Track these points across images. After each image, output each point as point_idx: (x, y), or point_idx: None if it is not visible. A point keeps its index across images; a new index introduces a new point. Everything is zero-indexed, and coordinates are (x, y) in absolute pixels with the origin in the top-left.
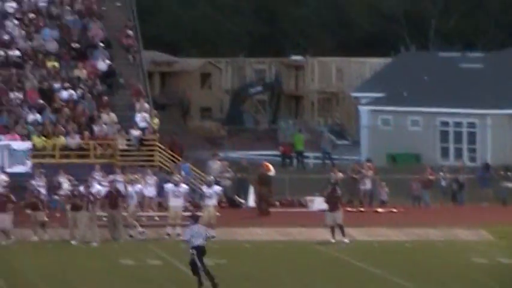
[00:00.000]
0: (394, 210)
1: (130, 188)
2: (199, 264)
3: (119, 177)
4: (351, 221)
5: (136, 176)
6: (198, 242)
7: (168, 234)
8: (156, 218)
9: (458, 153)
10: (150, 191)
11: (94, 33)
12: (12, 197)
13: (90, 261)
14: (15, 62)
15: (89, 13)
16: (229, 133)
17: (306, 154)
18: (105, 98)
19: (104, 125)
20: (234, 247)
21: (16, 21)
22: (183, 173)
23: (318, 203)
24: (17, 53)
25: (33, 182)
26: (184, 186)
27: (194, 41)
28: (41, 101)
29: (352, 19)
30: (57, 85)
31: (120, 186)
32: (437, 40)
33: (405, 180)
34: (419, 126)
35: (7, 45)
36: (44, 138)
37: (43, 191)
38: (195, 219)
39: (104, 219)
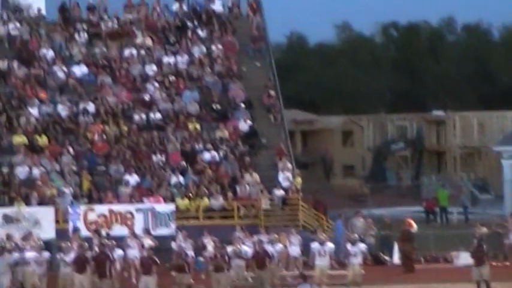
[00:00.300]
0: None
1: (271, 248)
2: None
3: (263, 238)
4: (497, 275)
5: (276, 236)
6: None
7: None
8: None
9: None
10: (295, 250)
11: (235, 94)
12: (157, 260)
13: None
14: (157, 124)
15: (229, 74)
16: (372, 190)
17: (449, 209)
18: (248, 158)
19: (246, 186)
20: None
21: (157, 84)
22: (338, 228)
23: (464, 258)
24: (159, 115)
25: (179, 244)
26: (329, 245)
27: (335, 99)
28: (184, 163)
29: (493, 72)
30: (199, 147)
31: (266, 247)
32: None
33: None
34: None
35: (149, 107)
36: (187, 200)
37: (189, 253)
38: (304, 278)
39: (250, 280)
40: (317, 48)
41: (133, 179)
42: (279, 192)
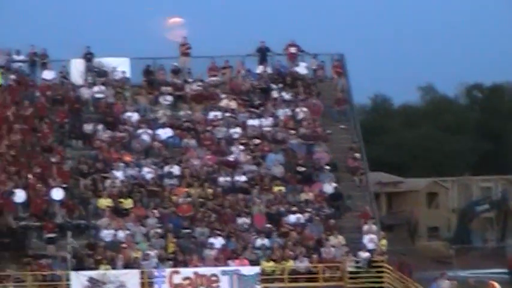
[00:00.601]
0: None
1: None
2: None
3: None
4: None
5: None
6: None
7: None
8: None
9: None
10: None
11: (319, 156)
12: None
13: None
14: (242, 187)
15: (314, 136)
16: (457, 252)
17: None
18: (332, 220)
19: (331, 248)
20: None
21: (241, 147)
22: None
23: None
24: (243, 178)
25: None
26: None
27: (419, 161)
28: (269, 226)
29: None
30: (284, 209)
31: None
32: None
33: None
34: None
35: (233, 170)
36: (272, 262)
37: None
38: None
39: None
40: (401, 110)
41: (218, 241)
42: (364, 255)
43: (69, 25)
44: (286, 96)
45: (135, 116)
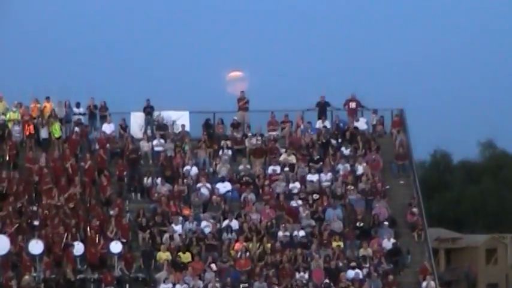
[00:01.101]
0: None
1: None
2: None
3: None
4: None
5: None
6: None
7: None
8: None
9: None
10: None
11: (378, 212)
12: None
13: None
14: (301, 242)
15: (373, 192)
16: None
17: None
18: (391, 276)
19: None
20: None
21: (300, 201)
22: None
23: None
24: (302, 233)
25: None
26: None
27: (479, 216)
28: (327, 281)
29: None
30: (342, 264)
31: None
32: None
33: None
34: None
35: (292, 225)
36: None
37: None
38: None
39: None
40: (461, 165)
41: None
42: None
43: (129, 78)
44: (346, 151)
45: (194, 170)
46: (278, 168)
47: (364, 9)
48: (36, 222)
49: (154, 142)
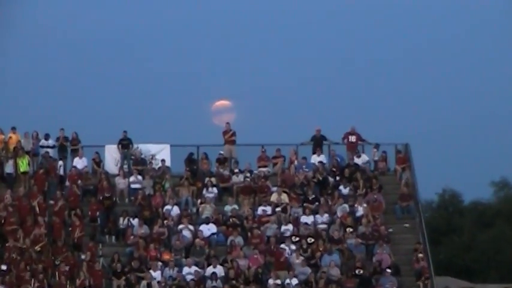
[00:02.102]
0: None
1: None
2: None
3: None
4: None
5: None
6: None
7: None
8: None
9: None
10: None
11: (380, 258)
12: None
13: None
14: None
15: (374, 236)
16: None
17: None
18: None
19: None
20: None
21: (293, 246)
22: None
23: None
24: (295, 280)
25: None
26: None
27: (491, 264)
28: None
29: None
30: None
31: None
32: None
33: None
34: None
35: (285, 272)
36: None
37: None
38: None
39: None
40: (472, 207)
41: None
42: None
43: (104, 107)
44: (344, 190)
45: (175, 210)
46: (269, 209)
47: (364, 36)
48: (3, 267)
49: (131, 179)
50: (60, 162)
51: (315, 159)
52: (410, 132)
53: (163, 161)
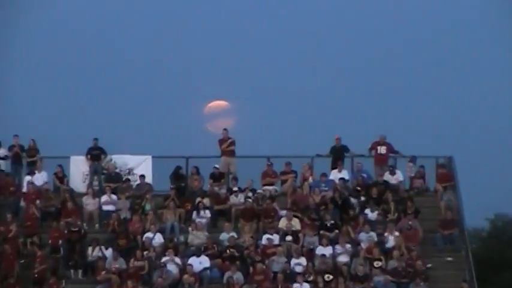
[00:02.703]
0: None
1: None
2: None
3: None
4: None
5: None
6: None
7: None
8: None
9: None
10: None
11: None
12: None
13: None
14: None
15: (409, 272)
16: None
17: None
18: None
19: None
20: None
21: (307, 285)
22: None
23: None
24: None
25: None
26: None
27: None
28: None
29: None
30: None
31: None
32: None
33: None
34: None
35: None
36: None
37: None
38: None
39: None
40: None
41: None
42: None
43: (69, 109)
44: (371, 214)
45: (158, 238)
46: (276, 238)
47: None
48: None
49: (103, 199)
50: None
51: (334, 175)
52: (454, 142)
53: (142, 176)
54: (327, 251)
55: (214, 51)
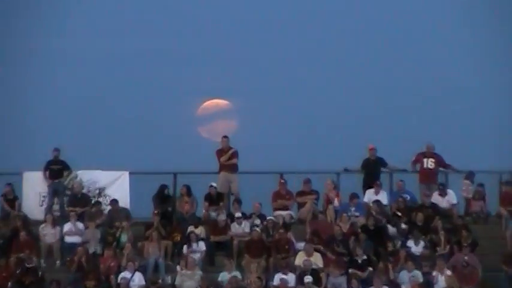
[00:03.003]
0: None
1: None
2: None
3: None
4: None
5: None
6: None
7: None
8: None
9: None
10: None
11: None
12: None
13: None
14: None
15: None
16: None
17: None
18: None
19: None
20: None
21: None
22: None
23: None
24: None
25: None
26: None
27: None
28: None
29: None
30: None
31: None
32: None
33: None
34: None
35: None
36: None
37: None
38: None
39: None
40: None
41: None
42: None
43: (24, 113)
44: (416, 247)
45: (138, 280)
46: (292, 278)
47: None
48: None
49: (66, 227)
50: None
51: (368, 196)
52: None
53: (114, 201)
54: None
55: (212, 39)
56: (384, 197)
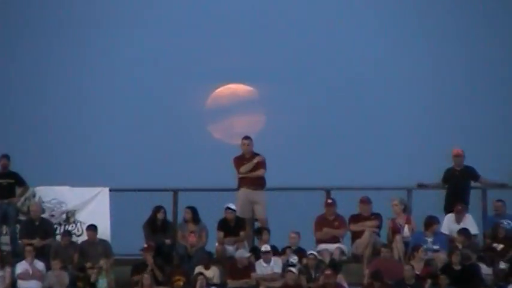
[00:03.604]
0: None
1: None
2: None
3: None
4: None
5: None
6: None
7: None
8: None
9: None
10: None
11: None
12: None
13: None
14: None
15: None
16: None
17: None
18: None
19: None
20: None
21: None
22: None
23: None
24: None
25: None
26: None
27: None
28: None
29: None
30: None
31: None
32: None
33: None
34: None
35: None
36: None
37: None
38: None
39: None
40: None
41: None
42: None
43: None
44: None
45: None
46: None
47: None
48: None
49: (20, 268)
50: None
51: (447, 224)
52: None
53: (91, 228)
54: None
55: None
56: (471, 224)
